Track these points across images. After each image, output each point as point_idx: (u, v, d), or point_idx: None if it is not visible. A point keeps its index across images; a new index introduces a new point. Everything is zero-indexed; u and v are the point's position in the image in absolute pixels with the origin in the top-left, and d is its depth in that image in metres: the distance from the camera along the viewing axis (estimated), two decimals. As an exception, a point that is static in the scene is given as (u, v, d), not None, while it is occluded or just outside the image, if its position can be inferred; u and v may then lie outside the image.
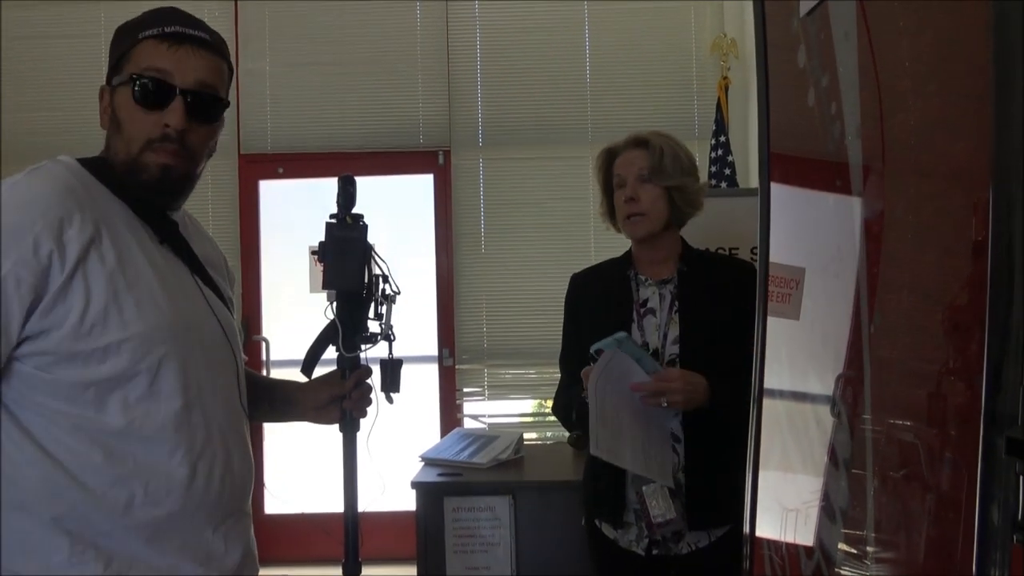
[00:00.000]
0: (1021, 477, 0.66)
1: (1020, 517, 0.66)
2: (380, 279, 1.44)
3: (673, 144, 2.05)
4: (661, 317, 2.01)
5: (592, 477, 2.11)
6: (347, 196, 1.42)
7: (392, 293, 1.44)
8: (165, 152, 1.26)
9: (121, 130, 1.27)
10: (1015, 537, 0.66)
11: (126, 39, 1.29)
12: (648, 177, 2.00)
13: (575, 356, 2.07)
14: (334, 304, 1.42)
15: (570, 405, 1.98)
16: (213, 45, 1.31)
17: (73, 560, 1.17)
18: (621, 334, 1.83)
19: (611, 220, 2.14)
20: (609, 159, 2.09)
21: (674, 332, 1.99)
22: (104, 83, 1.32)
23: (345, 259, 1.40)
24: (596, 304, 2.11)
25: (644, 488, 1.91)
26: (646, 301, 2.04)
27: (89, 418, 1.18)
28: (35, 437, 1.18)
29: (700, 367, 1.91)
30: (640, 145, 2.04)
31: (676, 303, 2.01)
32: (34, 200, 1.16)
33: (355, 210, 1.44)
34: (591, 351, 1.84)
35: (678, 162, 2.02)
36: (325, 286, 1.41)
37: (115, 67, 1.30)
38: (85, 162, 1.28)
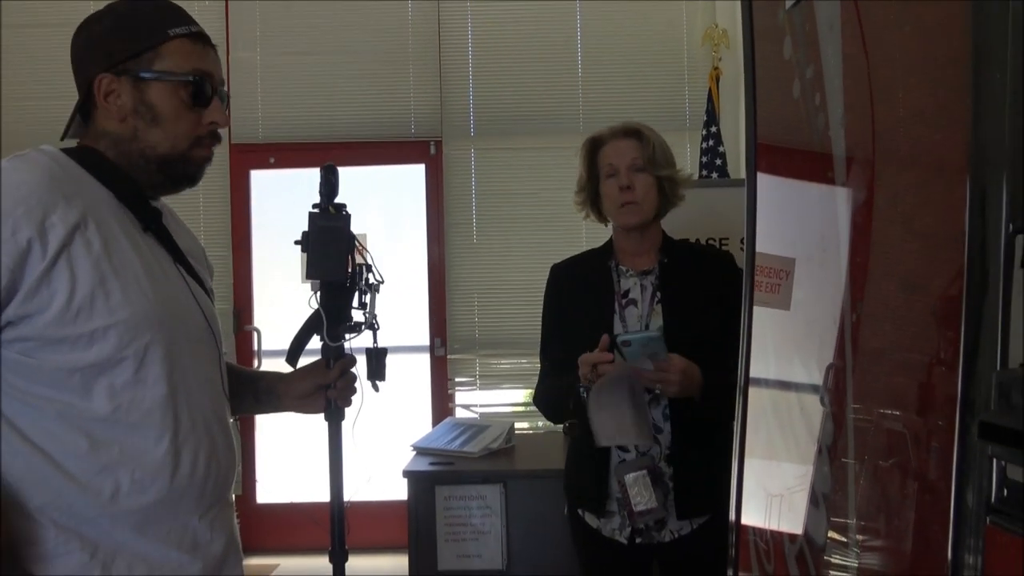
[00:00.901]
0: (994, 460, 0.67)
1: (994, 500, 0.67)
2: (364, 268, 1.44)
3: (660, 136, 2.07)
4: (643, 308, 2.02)
5: (574, 467, 2.12)
6: (330, 186, 1.42)
7: (376, 282, 1.44)
8: (210, 147, 1.35)
9: (161, 125, 1.29)
10: (988, 519, 0.67)
11: (152, 34, 1.29)
12: (643, 167, 2.01)
13: (557, 346, 2.08)
14: (318, 294, 1.43)
15: (567, 394, 1.95)
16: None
17: (58, 550, 1.17)
18: (655, 332, 1.83)
19: (591, 208, 2.13)
20: (595, 148, 2.09)
21: (656, 323, 1.99)
22: (106, 72, 1.28)
23: (328, 249, 1.40)
24: (578, 295, 2.10)
25: (626, 477, 1.92)
26: (627, 292, 2.05)
27: (75, 405, 1.18)
28: (18, 427, 1.17)
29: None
30: (631, 135, 2.04)
31: (658, 294, 2.02)
32: (17, 186, 1.16)
33: (344, 200, 1.44)
34: (618, 341, 1.83)
35: (665, 154, 2.05)
36: (308, 276, 1.41)
37: (135, 59, 1.28)
38: (69, 152, 1.29)
